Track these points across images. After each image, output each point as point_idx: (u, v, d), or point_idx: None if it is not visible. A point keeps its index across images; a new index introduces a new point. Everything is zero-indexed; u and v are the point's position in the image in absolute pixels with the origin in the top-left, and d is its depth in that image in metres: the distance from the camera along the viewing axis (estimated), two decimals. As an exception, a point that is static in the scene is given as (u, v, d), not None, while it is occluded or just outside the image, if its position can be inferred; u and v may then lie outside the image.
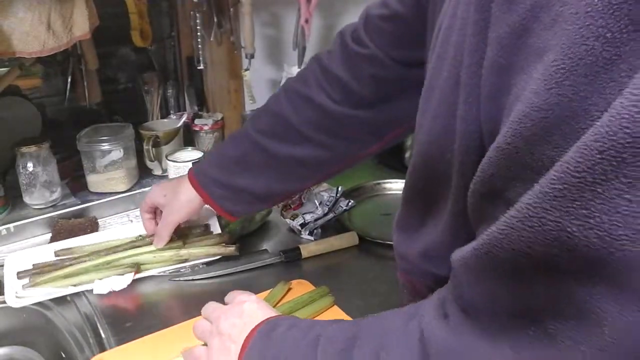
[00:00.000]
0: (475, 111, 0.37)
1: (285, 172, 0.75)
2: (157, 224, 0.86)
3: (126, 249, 0.86)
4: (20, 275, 0.83)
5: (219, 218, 0.95)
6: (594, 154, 0.25)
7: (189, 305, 0.78)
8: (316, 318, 0.73)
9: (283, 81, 1.30)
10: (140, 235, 0.89)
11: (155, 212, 0.88)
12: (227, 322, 0.56)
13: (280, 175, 0.76)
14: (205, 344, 0.58)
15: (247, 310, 0.56)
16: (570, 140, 0.27)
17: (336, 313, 0.75)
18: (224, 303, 0.68)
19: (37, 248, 0.92)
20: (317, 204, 1.00)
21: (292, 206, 1.01)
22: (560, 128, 0.28)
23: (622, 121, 0.24)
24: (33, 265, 0.85)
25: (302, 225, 0.96)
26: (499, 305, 0.34)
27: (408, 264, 0.54)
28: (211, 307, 0.61)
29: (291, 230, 0.99)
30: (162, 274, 0.86)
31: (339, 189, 1.04)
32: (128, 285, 0.82)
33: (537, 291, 0.31)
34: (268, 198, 0.80)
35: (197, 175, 0.79)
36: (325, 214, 0.99)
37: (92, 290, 0.81)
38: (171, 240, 0.86)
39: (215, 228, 0.93)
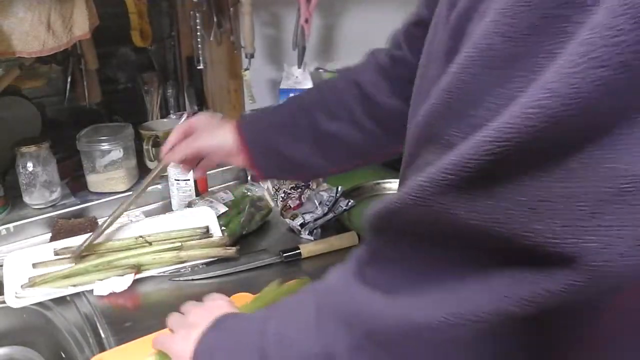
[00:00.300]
0: None
1: (315, 143, 0.76)
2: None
3: (125, 250, 0.86)
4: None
5: (219, 218, 0.95)
6: (483, 153, 0.28)
7: (189, 305, 0.78)
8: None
9: (283, 81, 1.30)
10: (140, 236, 0.89)
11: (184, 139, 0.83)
12: (195, 314, 0.60)
13: (310, 144, 0.76)
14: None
15: (216, 307, 0.60)
16: (464, 123, 0.30)
17: (336, 313, 0.75)
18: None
19: (37, 247, 0.92)
20: (317, 203, 1.00)
21: (292, 206, 1.01)
22: (459, 111, 0.31)
23: (512, 129, 0.27)
24: (33, 265, 0.85)
25: (302, 225, 0.96)
26: (389, 261, 0.38)
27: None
28: (188, 305, 0.64)
29: (291, 230, 0.99)
30: (162, 274, 0.86)
31: (339, 188, 1.04)
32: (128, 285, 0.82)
33: (420, 255, 0.35)
34: (290, 164, 0.79)
35: (242, 118, 0.80)
36: (325, 214, 0.99)
37: (92, 291, 0.81)
38: (171, 242, 0.85)
39: (216, 230, 0.93)
